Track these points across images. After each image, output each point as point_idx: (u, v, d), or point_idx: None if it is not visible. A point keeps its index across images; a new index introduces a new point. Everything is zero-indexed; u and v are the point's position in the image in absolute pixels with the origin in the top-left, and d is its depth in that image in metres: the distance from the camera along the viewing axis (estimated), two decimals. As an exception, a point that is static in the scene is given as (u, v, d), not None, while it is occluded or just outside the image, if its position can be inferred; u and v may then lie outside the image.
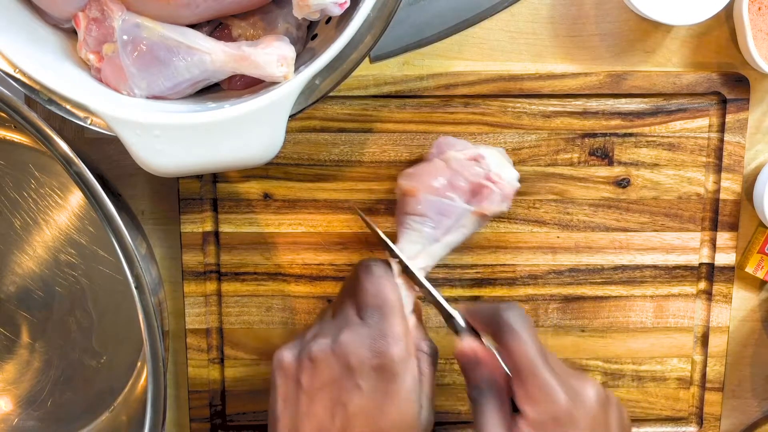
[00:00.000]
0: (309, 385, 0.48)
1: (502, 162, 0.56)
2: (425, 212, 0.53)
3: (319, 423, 0.47)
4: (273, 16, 0.51)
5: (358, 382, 0.47)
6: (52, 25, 0.50)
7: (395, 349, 0.47)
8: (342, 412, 0.47)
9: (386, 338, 0.48)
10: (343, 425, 0.47)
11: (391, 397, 0.47)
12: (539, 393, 0.46)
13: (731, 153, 0.60)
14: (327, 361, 0.48)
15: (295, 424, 0.48)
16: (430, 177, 0.54)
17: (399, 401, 0.47)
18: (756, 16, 0.57)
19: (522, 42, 0.60)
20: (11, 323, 0.63)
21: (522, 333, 0.47)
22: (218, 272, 0.61)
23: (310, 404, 0.48)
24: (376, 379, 0.47)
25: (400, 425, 0.47)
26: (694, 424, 0.64)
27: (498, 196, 0.54)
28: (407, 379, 0.47)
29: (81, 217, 0.62)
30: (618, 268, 0.62)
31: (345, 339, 0.48)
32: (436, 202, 0.53)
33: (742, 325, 0.64)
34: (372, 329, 0.48)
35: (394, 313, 0.49)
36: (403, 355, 0.48)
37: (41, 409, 0.64)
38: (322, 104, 0.59)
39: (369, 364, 0.47)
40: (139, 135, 0.45)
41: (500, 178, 0.54)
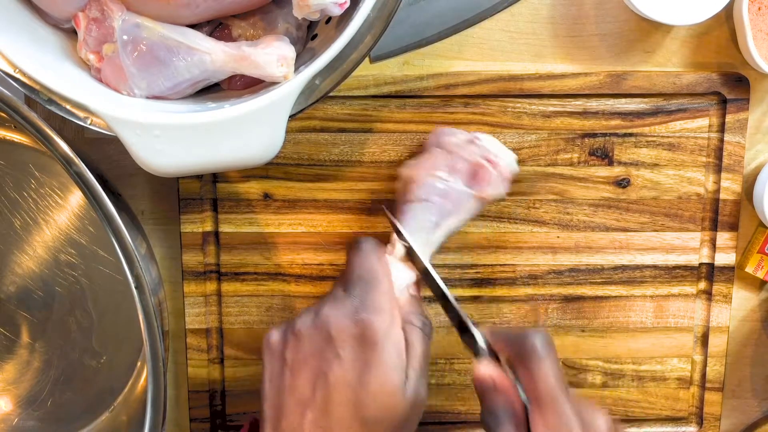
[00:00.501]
0: (292, 359, 0.48)
1: (497, 144, 0.56)
2: (428, 197, 0.53)
3: (301, 395, 0.47)
4: (273, 16, 0.51)
5: (338, 351, 0.47)
6: (52, 25, 0.50)
7: (376, 319, 0.47)
8: (323, 383, 0.47)
9: (367, 309, 0.48)
10: (324, 395, 0.47)
11: (371, 367, 0.47)
12: (558, 423, 0.46)
13: (731, 153, 0.60)
14: (309, 335, 0.48)
15: (279, 399, 0.48)
16: (431, 163, 0.54)
17: (379, 371, 0.47)
18: (756, 16, 0.57)
19: (522, 42, 0.60)
20: (11, 323, 0.63)
21: (548, 360, 0.47)
22: (218, 272, 0.61)
23: (293, 378, 0.48)
24: (356, 349, 0.47)
25: (380, 395, 0.47)
26: (694, 424, 0.64)
27: (497, 178, 0.54)
28: (388, 348, 0.47)
29: (81, 217, 0.62)
30: (618, 268, 0.62)
31: (326, 311, 0.48)
32: (439, 185, 0.53)
33: (742, 325, 0.64)
34: (354, 300, 0.49)
35: (377, 285, 0.49)
36: (384, 325, 0.48)
37: (41, 409, 0.64)
38: (322, 104, 0.59)
39: (349, 333, 0.47)
40: (139, 135, 0.45)
41: (498, 158, 0.55)
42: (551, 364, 0.47)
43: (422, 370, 0.49)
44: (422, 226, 0.53)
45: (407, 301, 0.51)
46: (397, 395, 0.47)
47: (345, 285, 0.50)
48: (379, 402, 0.46)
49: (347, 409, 0.46)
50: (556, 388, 0.46)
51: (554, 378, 0.47)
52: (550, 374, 0.47)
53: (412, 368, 0.48)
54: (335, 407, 0.46)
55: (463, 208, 0.54)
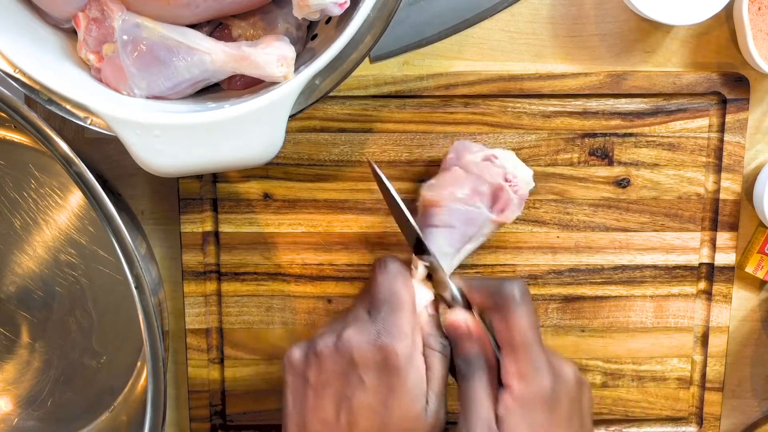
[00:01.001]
0: (315, 380, 0.49)
1: (516, 161, 0.56)
2: (452, 222, 0.53)
3: (326, 417, 0.48)
4: (273, 16, 0.51)
5: (361, 376, 0.47)
6: (52, 25, 0.50)
7: (399, 345, 0.48)
8: (347, 407, 0.47)
9: (390, 334, 0.48)
10: (349, 420, 0.47)
11: (394, 392, 0.47)
12: (530, 370, 0.47)
13: (731, 153, 0.60)
14: (331, 357, 0.48)
15: (303, 419, 0.49)
16: (454, 186, 0.54)
17: (402, 396, 0.47)
18: (756, 16, 0.57)
19: (522, 42, 0.60)
20: (11, 323, 0.63)
21: (524, 308, 0.48)
22: (218, 272, 0.61)
23: (316, 399, 0.48)
24: (379, 374, 0.47)
25: (404, 420, 0.47)
26: (694, 424, 0.64)
27: (515, 200, 0.55)
28: (411, 374, 0.47)
29: (81, 217, 0.62)
30: (618, 268, 0.62)
31: (348, 334, 0.48)
32: (462, 210, 0.54)
33: (742, 325, 0.64)
34: (377, 325, 0.49)
35: (402, 309, 0.49)
36: (407, 351, 0.48)
37: (41, 409, 0.64)
38: (322, 104, 0.59)
39: (372, 359, 0.47)
40: (139, 135, 0.45)
41: (515, 177, 0.55)
42: (527, 311, 0.48)
43: (442, 393, 0.50)
44: (445, 252, 0.53)
45: (427, 322, 0.51)
46: (420, 420, 0.48)
47: (369, 306, 0.50)
48: (402, 427, 0.47)
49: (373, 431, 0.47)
50: (530, 335, 0.47)
51: (529, 326, 0.47)
52: (524, 321, 0.47)
53: (432, 392, 0.49)
54: (361, 428, 0.47)
55: (483, 232, 0.55)
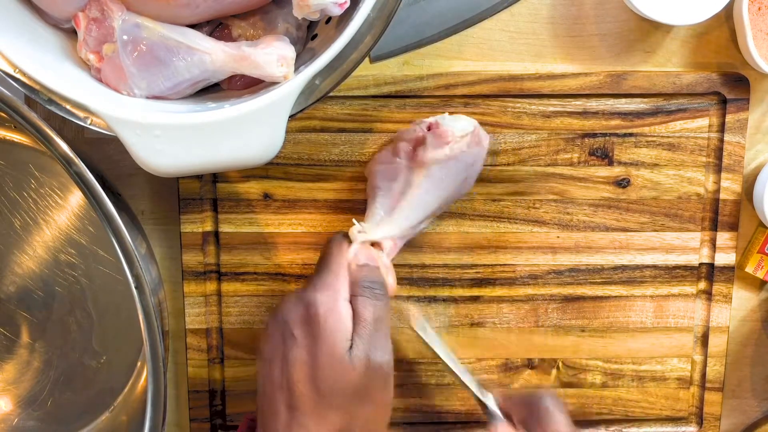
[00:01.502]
0: (267, 353, 0.51)
1: (457, 118, 0.56)
2: (376, 184, 0.55)
3: (273, 381, 0.50)
4: (273, 16, 0.51)
5: (292, 332, 0.49)
6: (52, 25, 0.50)
7: (319, 296, 0.50)
8: (285, 365, 0.49)
9: (314, 288, 0.50)
10: (288, 376, 0.49)
11: (317, 340, 0.49)
12: None
13: (731, 153, 0.60)
14: (273, 327, 0.51)
15: (263, 391, 0.51)
16: (380, 153, 0.57)
17: (324, 342, 0.49)
18: (756, 16, 0.57)
19: (522, 42, 0.60)
20: (11, 323, 0.63)
21: (561, 418, 0.52)
22: (218, 272, 0.61)
23: (269, 369, 0.50)
24: (305, 327, 0.49)
25: (328, 365, 0.48)
26: (694, 424, 0.64)
27: (430, 141, 0.54)
28: (329, 320, 0.49)
29: (81, 217, 0.62)
30: (618, 268, 0.62)
31: (286, 299, 0.51)
32: (382, 170, 0.55)
33: (742, 325, 0.64)
34: (305, 286, 0.51)
35: (327, 266, 0.52)
36: (327, 300, 0.50)
37: (41, 409, 0.64)
38: (322, 104, 0.59)
39: (297, 314, 0.50)
40: (139, 135, 0.45)
41: (438, 126, 0.54)
42: (564, 421, 0.52)
43: (372, 336, 0.50)
44: (378, 212, 0.55)
45: (356, 272, 0.52)
46: (344, 362, 0.48)
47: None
48: (328, 372, 0.48)
49: (305, 385, 0.48)
50: None
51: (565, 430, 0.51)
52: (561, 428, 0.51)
53: (357, 335, 0.50)
54: (296, 384, 0.48)
55: (414, 183, 0.54)
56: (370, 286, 0.52)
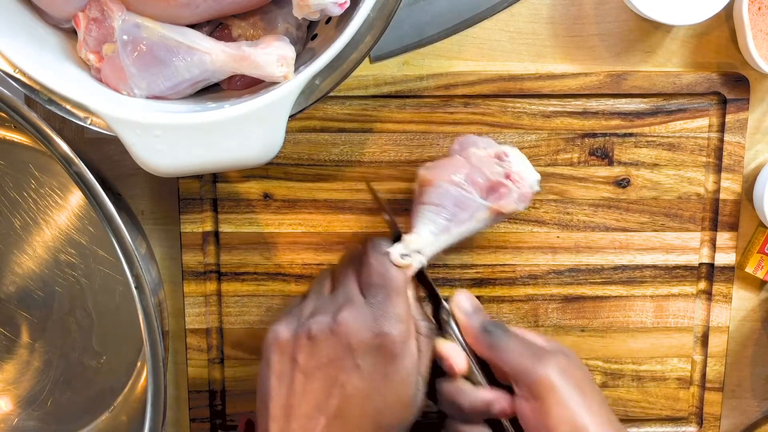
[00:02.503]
0: (306, 363, 0.47)
1: (525, 162, 0.55)
2: (442, 202, 0.53)
3: (316, 402, 0.47)
4: (273, 16, 0.51)
5: (357, 362, 0.46)
6: (52, 25, 0.50)
7: (397, 330, 0.47)
8: (339, 392, 0.46)
9: (389, 319, 0.47)
10: (340, 405, 0.46)
11: (389, 379, 0.47)
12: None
13: (731, 153, 0.60)
14: (326, 341, 0.47)
15: (289, 402, 0.47)
16: (450, 170, 0.54)
17: (397, 383, 0.47)
18: (756, 16, 0.57)
19: (522, 42, 0.60)
20: (11, 323, 0.63)
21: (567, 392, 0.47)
22: (218, 272, 0.61)
23: (306, 383, 0.47)
24: (375, 360, 0.47)
25: (397, 405, 0.47)
26: (694, 424, 0.64)
27: (515, 194, 0.54)
28: (407, 361, 0.47)
29: (81, 217, 0.62)
30: (618, 268, 0.62)
31: (346, 318, 0.47)
32: (454, 193, 0.53)
33: (742, 325, 0.64)
34: (375, 309, 0.48)
35: (398, 294, 0.49)
36: (404, 337, 0.47)
37: (41, 409, 0.64)
38: (322, 104, 0.59)
39: (369, 344, 0.47)
40: (139, 135, 0.45)
41: (521, 179, 0.54)
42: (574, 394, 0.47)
43: (426, 378, 0.50)
44: (430, 229, 0.53)
45: (413, 306, 0.51)
46: (411, 407, 0.48)
47: (362, 287, 0.50)
48: (395, 412, 0.47)
49: (364, 419, 0.46)
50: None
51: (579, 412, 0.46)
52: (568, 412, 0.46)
53: (420, 376, 0.49)
54: (352, 416, 0.46)
55: (476, 219, 0.54)
56: (429, 327, 0.50)
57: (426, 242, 0.52)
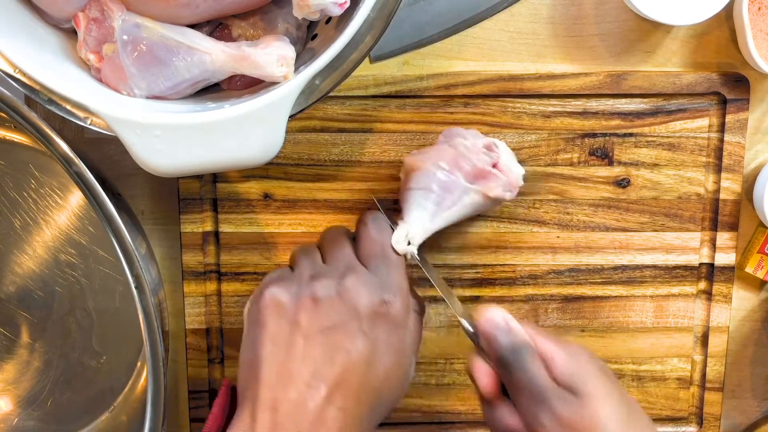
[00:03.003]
0: (309, 326, 0.45)
1: (511, 156, 0.56)
2: (429, 185, 0.53)
3: (316, 368, 0.44)
4: (273, 16, 0.51)
5: (363, 328, 0.45)
6: (52, 25, 0.50)
7: (400, 302, 0.47)
8: (343, 359, 0.44)
9: (392, 290, 0.47)
10: (342, 373, 0.44)
11: (392, 348, 0.46)
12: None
13: (731, 153, 0.60)
14: (332, 304, 0.46)
15: (286, 367, 0.45)
16: (436, 156, 0.54)
17: (397, 353, 0.46)
18: (756, 16, 0.57)
19: (522, 42, 0.60)
20: (11, 323, 0.63)
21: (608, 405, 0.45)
22: (218, 272, 0.61)
23: (308, 346, 0.45)
24: (379, 328, 0.46)
25: (394, 380, 0.46)
26: (694, 424, 0.64)
27: (502, 181, 0.54)
28: (407, 333, 0.47)
29: (81, 217, 0.62)
30: (618, 268, 0.62)
31: (352, 283, 0.46)
32: (441, 176, 0.53)
33: (742, 325, 0.64)
34: (380, 279, 0.47)
35: (399, 267, 0.49)
36: (406, 309, 0.47)
37: (41, 409, 0.64)
38: (322, 104, 0.59)
39: (376, 311, 0.46)
40: (139, 135, 0.45)
41: (508, 169, 0.54)
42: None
43: (417, 353, 0.49)
44: (420, 214, 0.53)
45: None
46: (406, 379, 0.47)
47: (362, 258, 0.49)
48: (392, 386, 0.46)
49: (364, 391, 0.45)
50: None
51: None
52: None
53: (414, 354, 0.48)
54: (353, 386, 0.44)
55: (463, 203, 0.54)
56: (419, 303, 0.50)
57: (418, 227, 0.53)
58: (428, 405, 0.63)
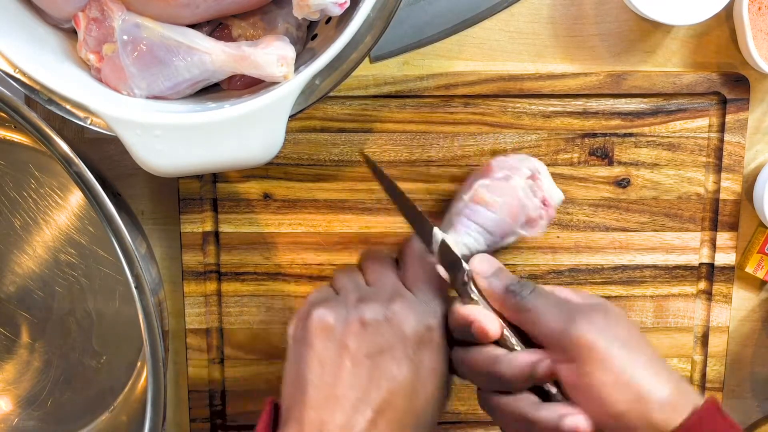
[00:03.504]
0: (356, 349, 0.45)
1: (551, 181, 0.56)
2: (487, 227, 0.54)
3: (363, 391, 0.44)
4: (273, 16, 0.51)
5: (409, 353, 0.46)
6: (52, 25, 0.50)
7: (441, 327, 0.48)
8: (388, 385, 0.45)
9: (438, 316, 0.48)
10: (387, 398, 0.44)
11: (434, 373, 0.47)
12: None
13: (731, 153, 0.60)
14: (379, 329, 0.46)
15: (334, 391, 0.45)
16: (508, 198, 0.54)
17: (439, 377, 0.47)
18: (756, 16, 0.57)
19: (522, 42, 0.60)
20: (11, 323, 0.63)
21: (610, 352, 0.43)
22: (218, 272, 0.61)
23: (354, 370, 0.45)
24: (424, 354, 0.47)
25: (435, 400, 0.47)
26: (694, 424, 0.64)
27: (545, 221, 0.55)
28: (445, 358, 0.47)
29: (81, 217, 0.62)
30: (618, 268, 0.62)
31: (401, 308, 0.47)
32: (501, 223, 0.54)
33: (742, 325, 0.64)
34: (426, 306, 0.48)
35: (442, 294, 0.49)
36: (443, 332, 0.48)
37: (41, 409, 0.64)
38: (322, 104, 0.59)
39: (421, 337, 0.47)
40: (139, 135, 0.45)
41: (551, 203, 0.56)
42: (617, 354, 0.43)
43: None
44: (466, 242, 0.53)
45: None
46: (441, 404, 0.48)
47: (408, 283, 0.50)
48: (434, 409, 0.47)
49: (407, 415, 0.45)
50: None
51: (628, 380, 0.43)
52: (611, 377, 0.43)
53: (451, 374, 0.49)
54: (397, 411, 0.45)
55: (506, 242, 0.55)
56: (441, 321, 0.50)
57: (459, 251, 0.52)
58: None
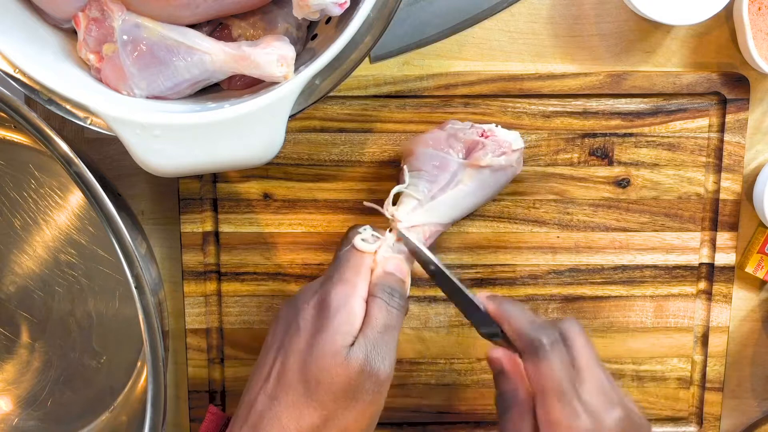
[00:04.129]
0: (269, 341, 0.50)
1: (501, 129, 0.56)
2: (421, 166, 0.54)
3: (263, 370, 0.49)
4: (273, 16, 0.51)
5: (299, 322, 0.48)
6: (52, 25, 0.50)
7: (335, 289, 0.48)
8: (282, 354, 0.48)
9: (331, 281, 0.49)
10: (280, 366, 0.48)
11: (320, 331, 0.47)
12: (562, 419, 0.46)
13: (731, 153, 0.60)
14: (284, 314, 0.50)
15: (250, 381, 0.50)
16: (429, 137, 0.55)
17: (326, 334, 0.47)
18: (756, 16, 0.57)
19: (522, 42, 0.60)
20: (11, 323, 0.63)
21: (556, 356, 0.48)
22: (218, 272, 0.61)
23: (263, 357, 0.49)
24: (313, 317, 0.48)
25: (321, 356, 0.47)
26: (694, 424, 0.64)
27: (490, 146, 0.54)
28: (340, 313, 0.48)
29: (81, 217, 0.62)
30: (618, 268, 0.62)
31: (300, 289, 0.50)
32: (432, 155, 0.54)
33: (742, 325, 0.64)
34: (324, 276, 0.50)
35: (346, 261, 0.50)
36: (342, 295, 0.48)
37: (41, 409, 0.64)
38: (322, 104, 0.59)
39: (311, 303, 0.49)
40: (139, 135, 0.45)
41: (494, 134, 0.55)
42: (556, 359, 0.47)
43: (378, 341, 0.48)
44: (416, 196, 0.53)
45: (380, 275, 0.51)
46: (338, 357, 0.47)
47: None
48: (319, 363, 0.47)
49: (294, 374, 0.47)
50: (563, 385, 0.47)
51: (560, 373, 0.47)
52: (556, 371, 0.47)
53: (363, 335, 0.48)
54: (286, 373, 0.47)
55: (460, 180, 0.54)
56: (390, 293, 0.50)
57: (411, 206, 0.53)
58: (428, 405, 0.63)
